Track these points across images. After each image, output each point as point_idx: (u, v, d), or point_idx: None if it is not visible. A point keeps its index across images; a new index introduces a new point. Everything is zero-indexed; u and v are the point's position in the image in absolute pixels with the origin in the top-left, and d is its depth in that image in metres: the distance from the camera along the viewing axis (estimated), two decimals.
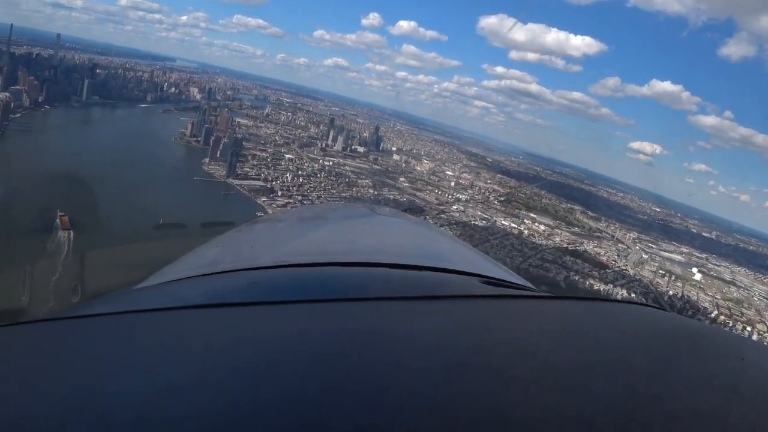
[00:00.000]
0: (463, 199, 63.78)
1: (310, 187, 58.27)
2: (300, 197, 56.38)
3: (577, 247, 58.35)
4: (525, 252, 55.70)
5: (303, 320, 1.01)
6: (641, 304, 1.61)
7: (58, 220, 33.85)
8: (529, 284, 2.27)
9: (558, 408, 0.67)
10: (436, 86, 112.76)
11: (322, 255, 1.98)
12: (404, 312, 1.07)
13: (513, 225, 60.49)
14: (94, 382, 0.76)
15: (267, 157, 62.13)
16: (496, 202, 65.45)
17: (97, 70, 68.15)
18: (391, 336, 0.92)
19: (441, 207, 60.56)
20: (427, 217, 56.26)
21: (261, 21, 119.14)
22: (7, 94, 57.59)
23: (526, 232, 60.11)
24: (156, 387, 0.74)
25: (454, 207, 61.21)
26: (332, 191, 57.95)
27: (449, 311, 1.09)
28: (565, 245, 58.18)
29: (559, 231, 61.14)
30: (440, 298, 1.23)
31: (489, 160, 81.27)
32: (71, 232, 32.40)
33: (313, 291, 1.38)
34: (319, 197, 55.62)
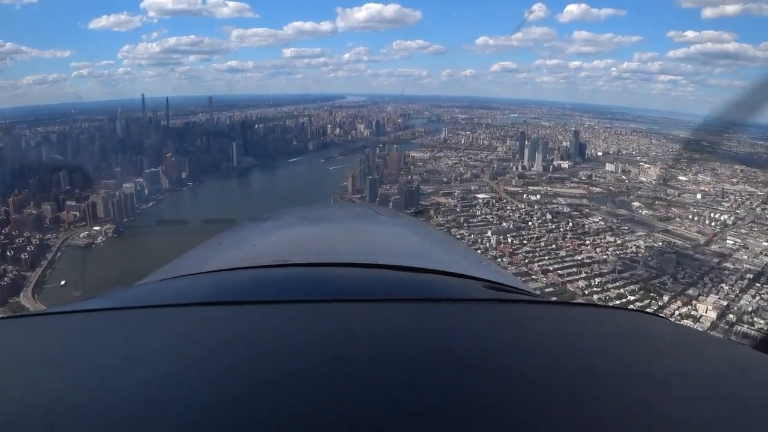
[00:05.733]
0: (729, 222, 45.26)
1: (527, 251, 42.09)
2: (520, 279, 41.01)
3: None
4: None
5: (302, 320, 1.01)
6: (644, 312, 1.63)
7: None
8: (531, 290, 2.32)
9: (554, 413, 0.67)
10: (614, 69, 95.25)
11: (324, 255, 1.97)
12: (405, 314, 1.06)
13: None
14: (90, 376, 0.76)
15: (455, 206, 48.22)
16: None
17: (256, 125, 58.40)
18: (391, 338, 0.91)
19: (715, 247, 42.43)
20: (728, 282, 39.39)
21: (421, 41, 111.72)
22: (140, 180, 47.33)
23: None
24: (152, 384, 0.73)
25: (729, 242, 42.81)
26: (558, 253, 41.86)
27: (450, 314, 1.08)
28: None
29: None
30: (441, 300, 1.22)
31: (706, 144, 62.71)
32: None
33: (313, 291, 1.38)
34: (545, 271, 39.46)
